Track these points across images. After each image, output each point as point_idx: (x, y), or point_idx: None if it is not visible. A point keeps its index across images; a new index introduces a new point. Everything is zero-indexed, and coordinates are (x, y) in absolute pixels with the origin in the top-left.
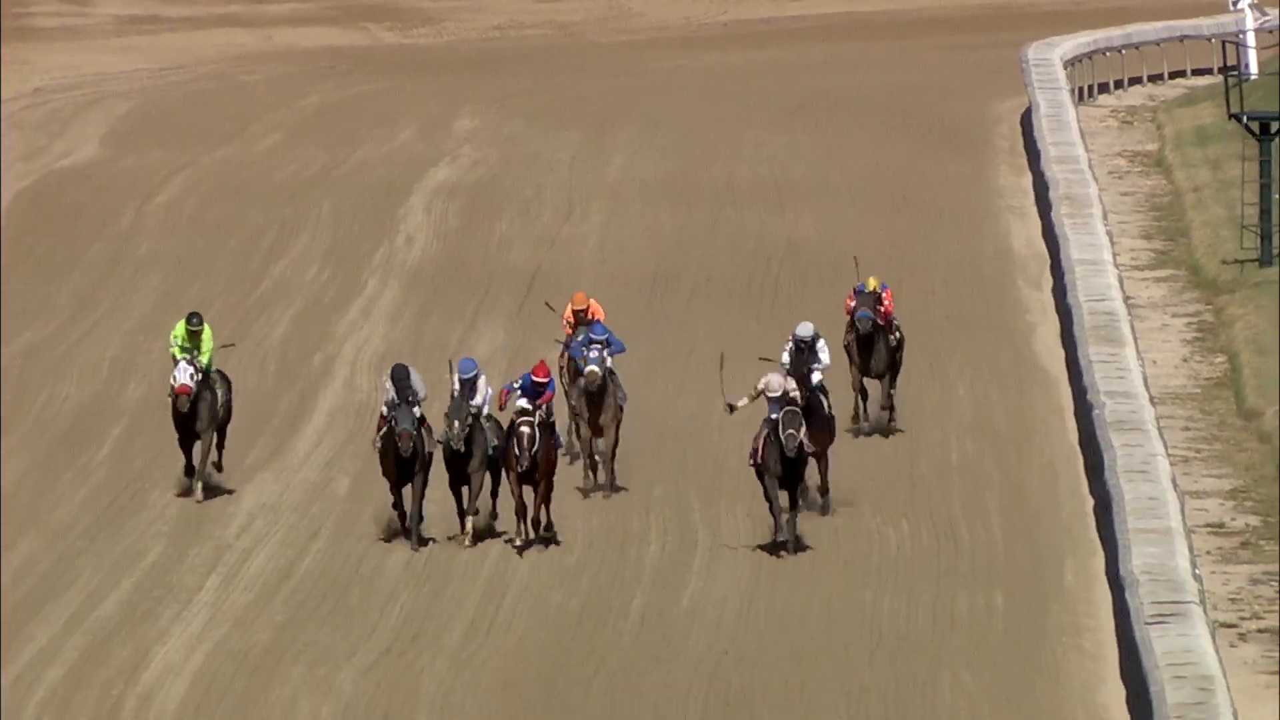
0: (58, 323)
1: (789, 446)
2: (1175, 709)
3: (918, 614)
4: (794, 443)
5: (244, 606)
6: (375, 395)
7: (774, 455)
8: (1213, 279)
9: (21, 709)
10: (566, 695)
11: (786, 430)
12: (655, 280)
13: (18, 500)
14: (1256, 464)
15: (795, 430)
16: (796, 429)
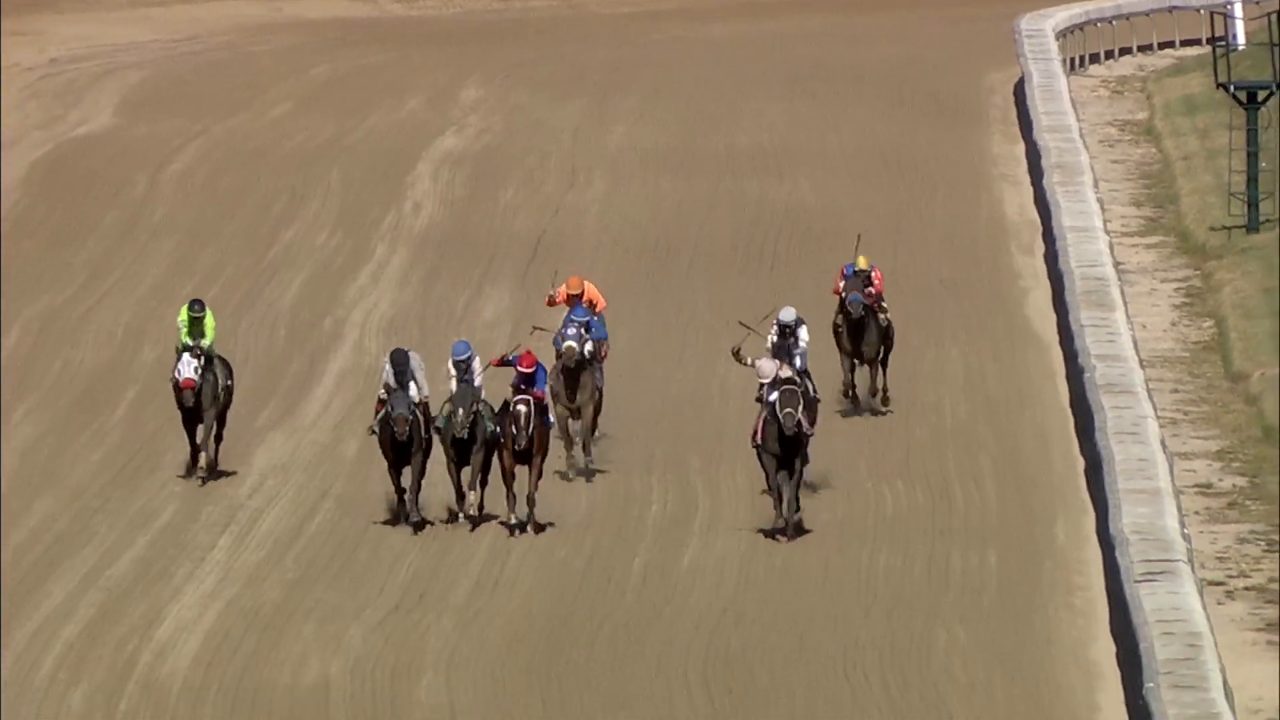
0: (73, 289)
1: (788, 425)
2: (1164, 665)
3: (913, 572)
4: (792, 421)
5: (255, 565)
6: (384, 358)
7: (773, 436)
8: (1201, 245)
9: (38, 664)
10: (570, 651)
11: (785, 409)
12: (656, 247)
13: (35, 462)
14: (1243, 426)
15: (794, 409)
16: (795, 408)
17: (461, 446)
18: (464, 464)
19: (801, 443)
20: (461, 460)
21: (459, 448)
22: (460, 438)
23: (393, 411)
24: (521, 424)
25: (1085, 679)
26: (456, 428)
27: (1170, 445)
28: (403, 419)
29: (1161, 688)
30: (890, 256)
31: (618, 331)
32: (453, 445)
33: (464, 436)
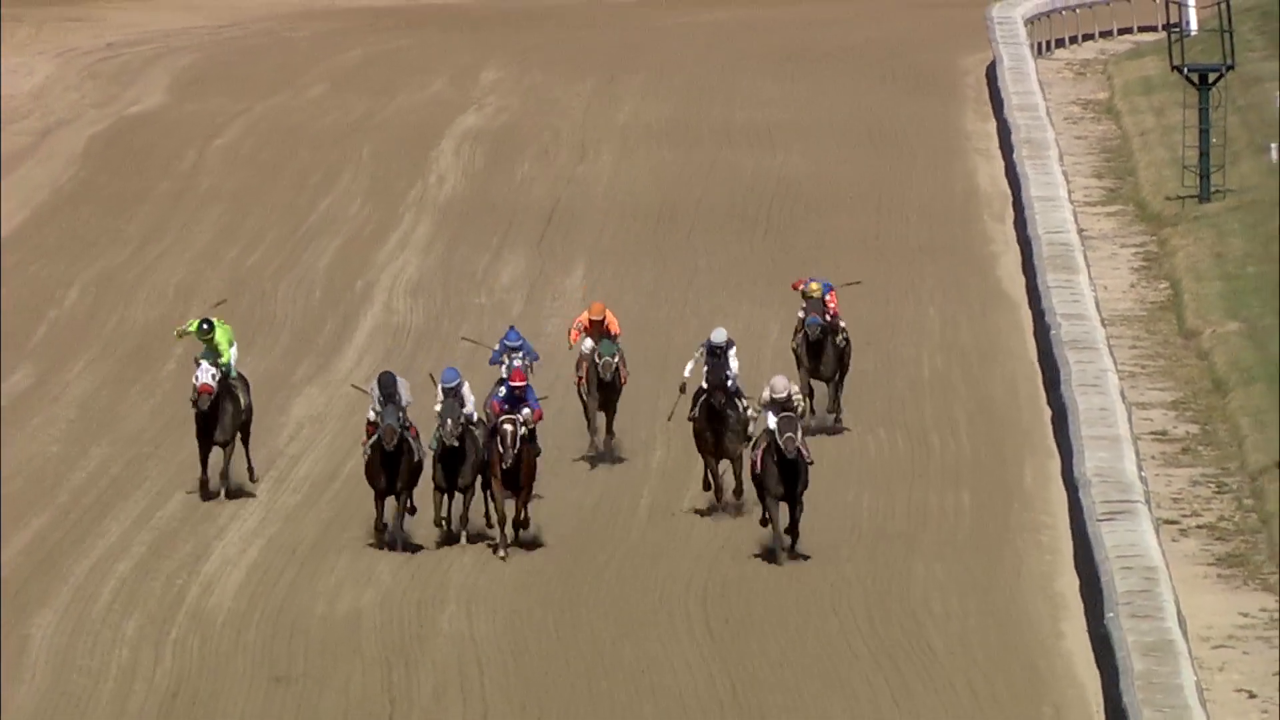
0: (127, 252)
1: (788, 449)
2: (1123, 596)
3: (894, 512)
4: (792, 445)
5: (293, 506)
6: (410, 318)
7: (773, 472)
8: (1157, 214)
9: (95, 596)
10: (581, 583)
11: (785, 434)
12: (660, 214)
13: (92, 411)
14: (1196, 378)
15: (793, 434)
16: (795, 432)
17: (450, 460)
18: (452, 484)
19: (801, 470)
20: (450, 478)
21: (447, 461)
22: (450, 447)
23: (381, 423)
24: (508, 442)
25: (1051, 609)
26: (447, 436)
27: (1129, 396)
28: (390, 429)
29: (1121, 617)
30: (873, 222)
31: (626, 292)
32: (442, 458)
33: (454, 445)
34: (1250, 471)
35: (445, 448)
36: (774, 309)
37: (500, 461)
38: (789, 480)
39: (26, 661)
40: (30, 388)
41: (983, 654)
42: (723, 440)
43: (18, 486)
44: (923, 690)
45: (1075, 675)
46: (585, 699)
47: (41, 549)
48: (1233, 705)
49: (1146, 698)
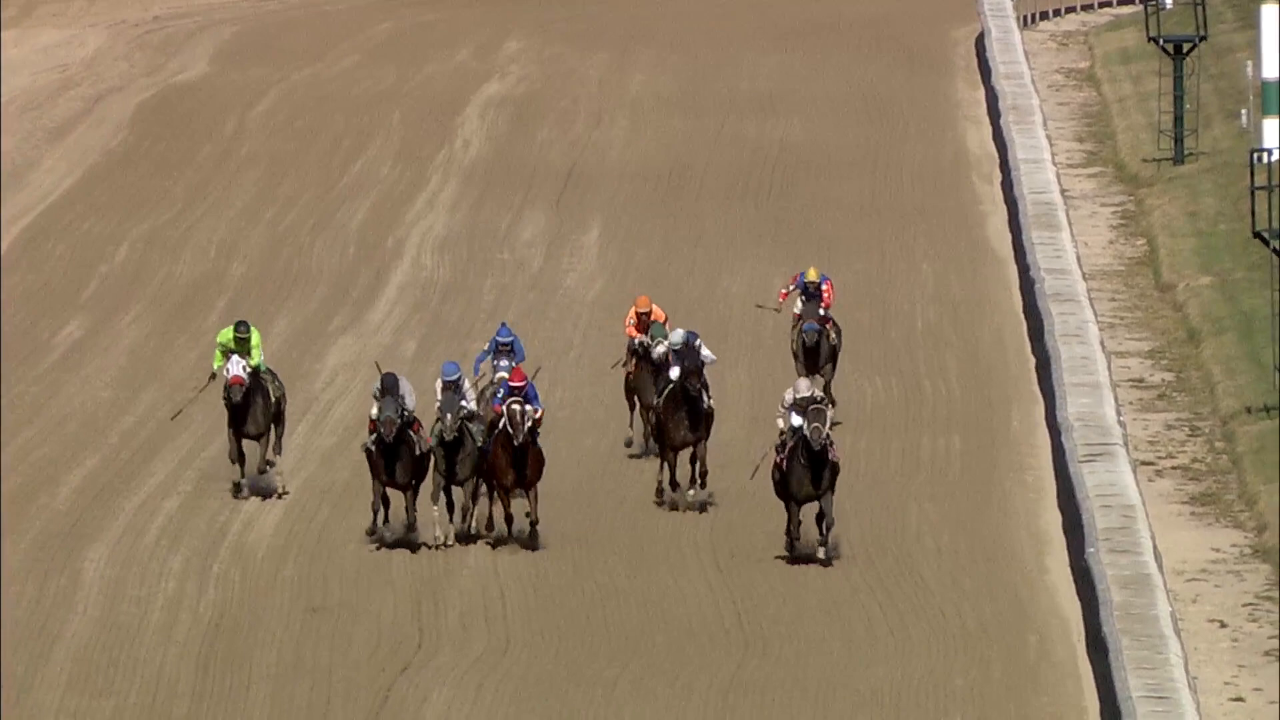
0: (173, 211)
1: (814, 438)
2: (1103, 533)
3: (889, 455)
4: (819, 435)
5: (329, 448)
6: (438, 272)
7: (797, 472)
8: (1134, 175)
9: (144, 531)
10: (596, 523)
11: (813, 424)
12: (669, 176)
13: (141, 359)
14: (1171, 329)
15: (821, 424)
16: (822, 423)
17: (450, 452)
18: (451, 477)
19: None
20: (450, 474)
21: (447, 453)
22: (450, 441)
23: (380, 415)
24: (518, 420)
25: (1035, 545)
26: (446, 431)
27: (1108, 345)
28: (390, 420)
29: (1100, 552)
30: (869, 185)
31: (638, 248)
32: (441, 449)
33: (452, 439)
34: (1222, 416)
35: (444, 441)
36: (776, 265)
37: (509, 445)
38: (815, 476)
39: (80, 593)
40: (83, 338)
41: (972, 586)
42: (695, 427)
43: (71, 430)
44: (915, 620)
45: (1058, 606)
46: (600, 627)
47: (93, 487)
48: (1205, 634)
49: (1124, 627)
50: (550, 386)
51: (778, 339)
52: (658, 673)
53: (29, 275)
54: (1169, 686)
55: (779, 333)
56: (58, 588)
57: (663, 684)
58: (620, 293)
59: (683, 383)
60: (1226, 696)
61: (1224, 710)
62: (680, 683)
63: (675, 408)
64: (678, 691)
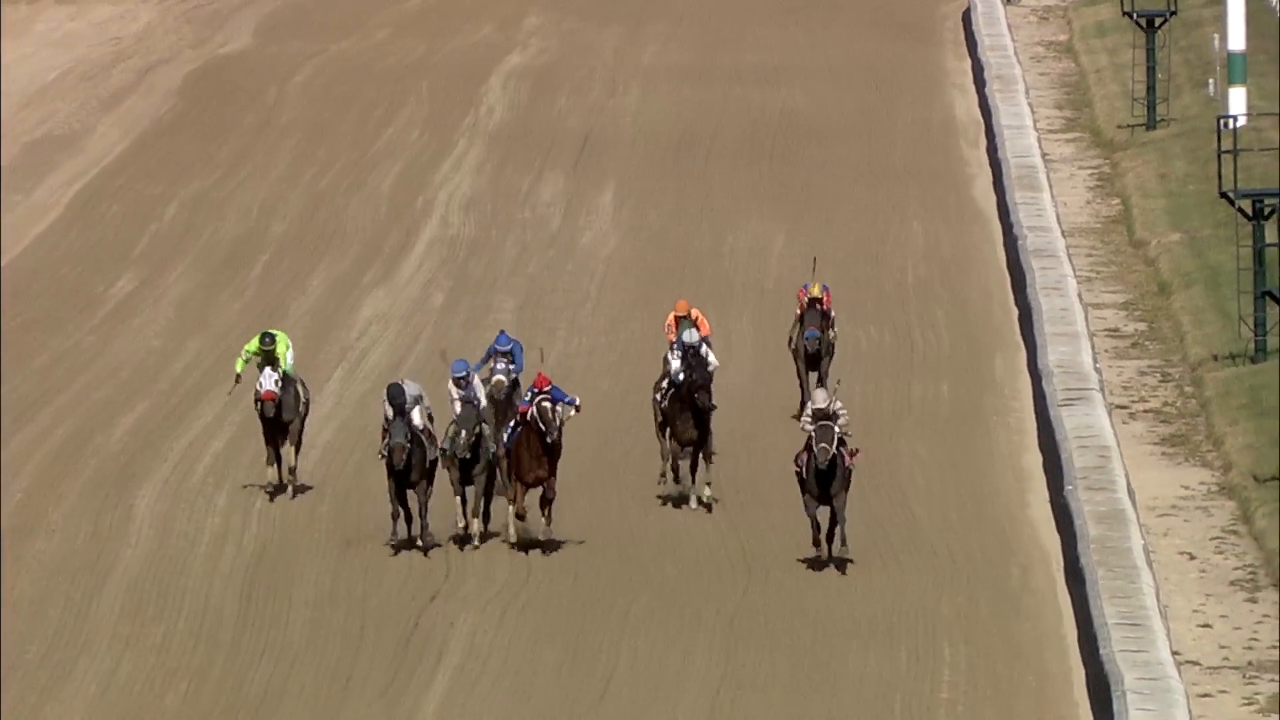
0: (218, 174)
1: (821, 460)
2: (1081, 471)
3: (882, 400)
4: (826, 455)
5: (362, 394)
6: (463, 230)
7: (812, 470)
8: (1110, 140)
9: (191, 471)
10: (611, 466)
11: (819, 444)
12: (679, 141)
13: (188, 311)
14: (1143, 282)
15: (828, 444)
16: (829, 443)
17: (465, 467)
18: (467, 483)
19: (837, 476)
20: (465, 480)
21: (462, 468)
22: (464, 459)
23: (390, 441)
24: (549, 419)
25: (1018, 483)
26: (460, 449)
27: (1085, 297)
28: (400, 448)
29: (1078, 489)
30: (864, 149)
31: (650, 209)
32: (456, 466)
33: (466, 457)
34: (1190, 363)
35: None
36: (779, 224)
37: (535, 441)
38: (824, 484)
39: (132, 528)
40: (134, 291)
41: (959, 521)
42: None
43: (124, 376)
44: (906, 553)
45: (1039, 540)
46: (616, 561)
47: (144, 430)
48: (1175, 565)
49: (1100, 559)
50: (568, 336)
51: (779, 290)
52: (668, 602)
53: (85, 233)
54: (1141, 614)
55: (780, 284)
56: (111, 523)
57: (673, 613)
58: (633, 249)
59: (691, 393)
60: (1195, 623)
61: (1192, 636)
62: (689, 611)
63: (681, 408)
64: (686, 619)
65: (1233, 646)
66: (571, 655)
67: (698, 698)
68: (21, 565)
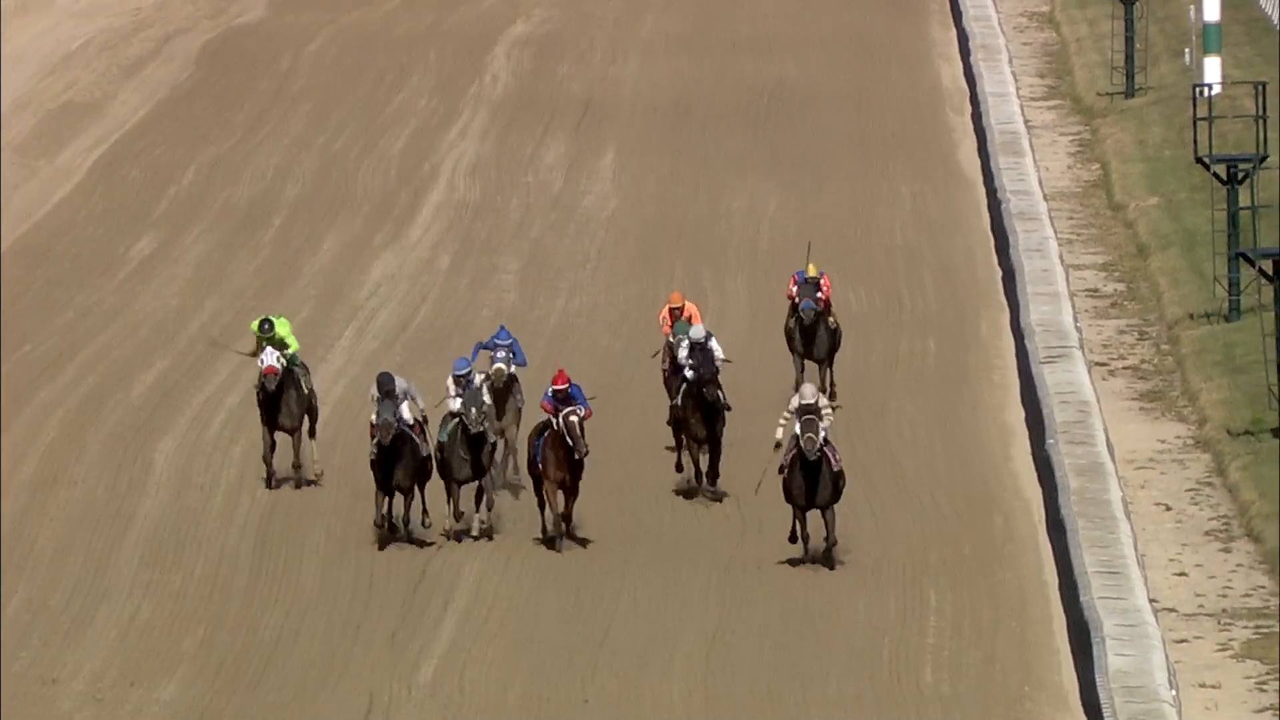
0: (234, 139)
1: (808, 449)
2: (1062, 426)
3: (871, 357)
4: (813, 445)
5: (372, 351)
6: (469, 193)
7: (798, 480)
8: (1090, 107)
9: (209, 425)
10: (611, 415)
11: (806, 434)
12: (676, 109)
13: (206, 271)
14: (1122, 244)
15: (814, 435)
16: (815, 434)
17: (474, 446)
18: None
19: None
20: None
21: (472, 447)
22: (475, 434)
23: (376, 419)
24: (577, 433)
25: (1001, 436)
26: (474, 423)
27: (1066, 259)
28: (387, 425)
29: (1059, 443)
30: (854, 116)
31: (649, 172)
32: (465, 445)
33: (479, 430)
34: (1167, 322)
35: (469, 435)
36: (772, 188)
37: (560, 448)
38: (814, 485)
39: (151, 479)
40: (154, 252)
41: (945, 474)
42: (715, 427)
43: (144, 334)
44: (894, 503)
45: (1021, 491)
46: (615, 511)
47: (164, 386)
48: (1152, 516)
49: (1080, 510)
50: (569, 295)
51: (773, 250)
52: (666, 551)
53: (107, 196)
54: (1119, 563)
55: (773, 246)
56: (132, 475)
57: (670, 562)
58: (632, 211)
59: (700, 389)
60: (1171, 571)
61: (1169, 583)
62: (685, 559)
63: (694, 407)
64: (683, 566)
65: (1207, 594)
66: (573, 601)
67: (694, 643)
68: (45, 516)
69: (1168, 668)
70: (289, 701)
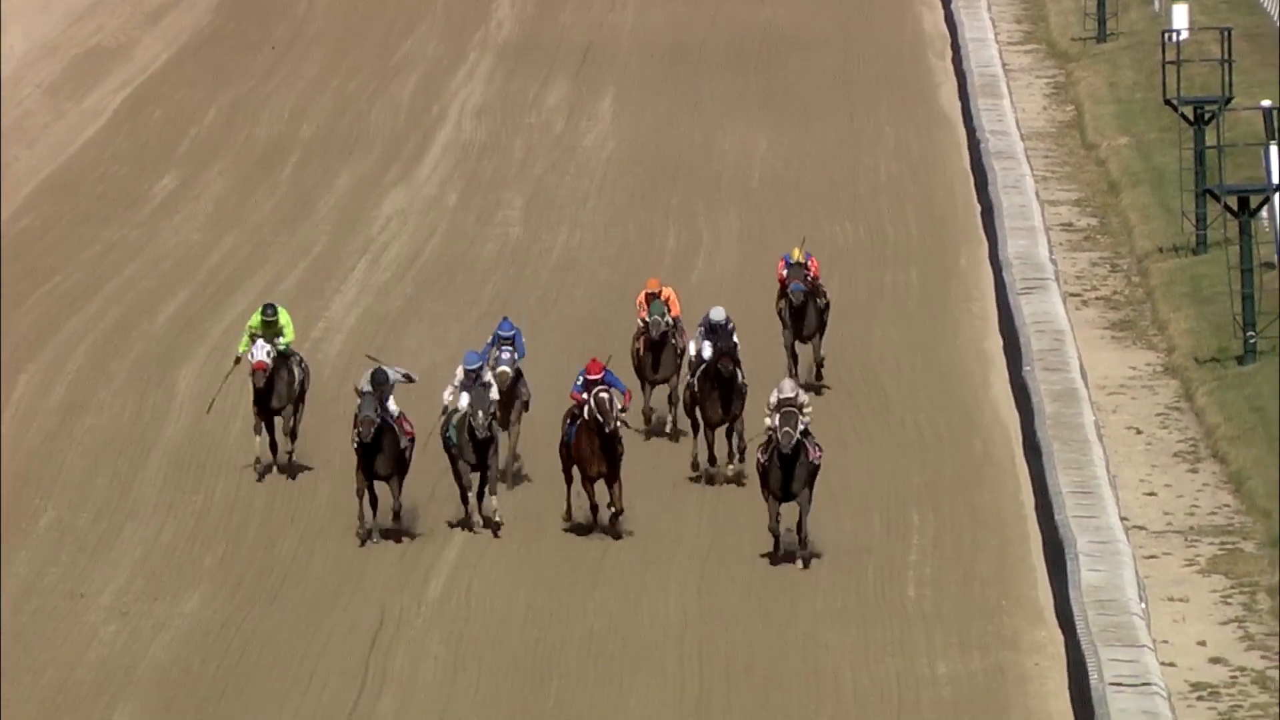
0: (253, 81)
1: (785, 444)
2: (1038, 354)
3: (856, 288)
4: (790, 439)
5: (383, 282)
6: (476, 133)
7: (775, 472)
8: (1064, 51)
9: (228, 353)
10: (610, 345)
11: (784, 427)
12: (672, 52)
13: (225, 207)
14: (1095, 181)
15: (791, 428)
16: (793, 427)
17: (481, 450)
18: (482, 466)
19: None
20: (480, 463)
21: (478, 451)
22: (482, 439)
23: (359, 413)
24: (606, 408)
25: (981, 364)
26: (480, 428)
27: (1042, 195)
28: (368, 420)
29: (1035, 370)
30: (840, 59)
31: (645, 113)
32: (472, 447)
33: (485, 437)
34: (1137, 255)
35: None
36: (762, 127)
37: (595, 434)
38: (789, 477)
39: (174, 404)
40: (176, 189)
41: (927, 399)
42: (730, 404)
43: (166, 267)
44: (879, 428)
45: (999, 416)
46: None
47: (184, 316)
48: (1123, 439)
49: (1056, 433)
50: (571, 231)
51: (763, 186)
52: (660, 473)
53: (131, 136)
54: (1093, 483)
55: (764, 182)
56: (155, 401)
57: (665, 483)
58: (630, 150)
59: (715, 364)
60: (1141, 491)
61: (1139, 502)
62: (680, 480)
63: (710, 387)
64: (677, 488)
65: (1175, 513)
66: (573, 524)
67: (689, 560)
68: (73, 440)
69: (1138, 582)
70: (304, 615)
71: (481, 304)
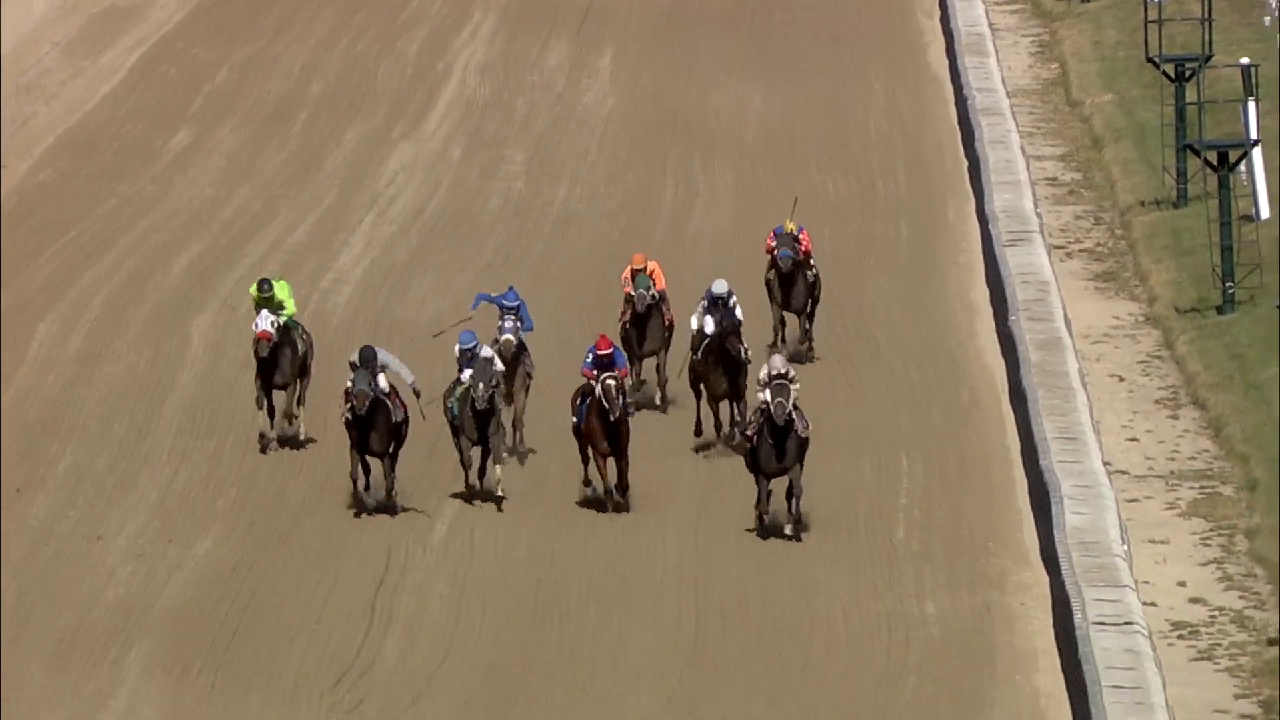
0: (264, 39)
1: (778, 415)
2: (1023, 304)
3: (847, 239)
4: (782, 411)
5: (390, 235)
6: (479, 91)
7: (766, 448)
8: (1049, 11)
9: (241, 303)
10: (610, 301)
11: (776, 399)
12: (670, 11)
13: (237, 163)
14: (1078, 137)
15: (784, 400)
16: (785, 399)
17: (482, 421)
18: (482, 440)
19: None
20: (481, 437)
21: (479, 422)
22: (482, 410)
23: (352, 388)
24: (613, 395)
25: (968, 314)
26: (480, 400)
27: (1028, 150)
28: (362, 394)
29: (1021, 319)
30: (831, 19)
31: (644, 70)
32: (473, 418)
33: (485, 408)
34: (1120, 208)
35: (476, 409)
36: (756, 84)
37: (607, 417)
38: (781, 451)
39: (189, 353)
40: (189, 144)
41: (916, 348)
42: (737, 380)
43: (180, 220)
44: (870, 376)
45: (986, 364)
46: None
47: (198, 268)
48: (1106, 386)
49: (1040, 381)
50: (571, 185)
51: (758, 141)
52: (655, 428)
53: (146, 93)
54: (1076, 429)
55: (758, 138)
56: (170, 350)
57: (664, 433)
58: (629, 107)
59: (722, 342)
60: (1123, 437)
61: (1121, 448)
62: (677, 434)
63: (715, 362)
64: (676, 438)
65: (1157, 458)
66: (575, 469)
67: (686, 504)
68: (91, 387)
69: (1120, 525)
70: (314, 558)
71: (485, 256)
